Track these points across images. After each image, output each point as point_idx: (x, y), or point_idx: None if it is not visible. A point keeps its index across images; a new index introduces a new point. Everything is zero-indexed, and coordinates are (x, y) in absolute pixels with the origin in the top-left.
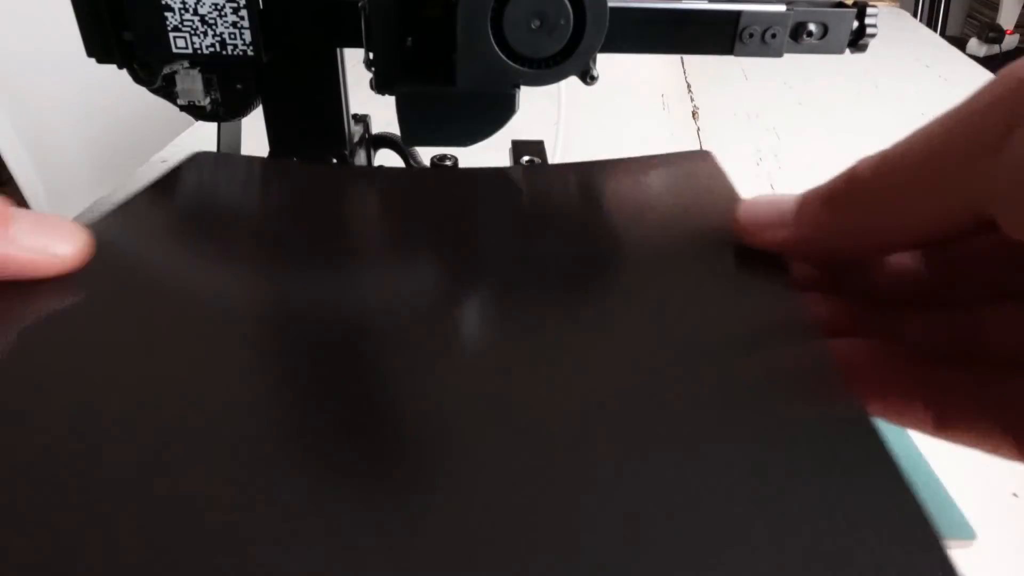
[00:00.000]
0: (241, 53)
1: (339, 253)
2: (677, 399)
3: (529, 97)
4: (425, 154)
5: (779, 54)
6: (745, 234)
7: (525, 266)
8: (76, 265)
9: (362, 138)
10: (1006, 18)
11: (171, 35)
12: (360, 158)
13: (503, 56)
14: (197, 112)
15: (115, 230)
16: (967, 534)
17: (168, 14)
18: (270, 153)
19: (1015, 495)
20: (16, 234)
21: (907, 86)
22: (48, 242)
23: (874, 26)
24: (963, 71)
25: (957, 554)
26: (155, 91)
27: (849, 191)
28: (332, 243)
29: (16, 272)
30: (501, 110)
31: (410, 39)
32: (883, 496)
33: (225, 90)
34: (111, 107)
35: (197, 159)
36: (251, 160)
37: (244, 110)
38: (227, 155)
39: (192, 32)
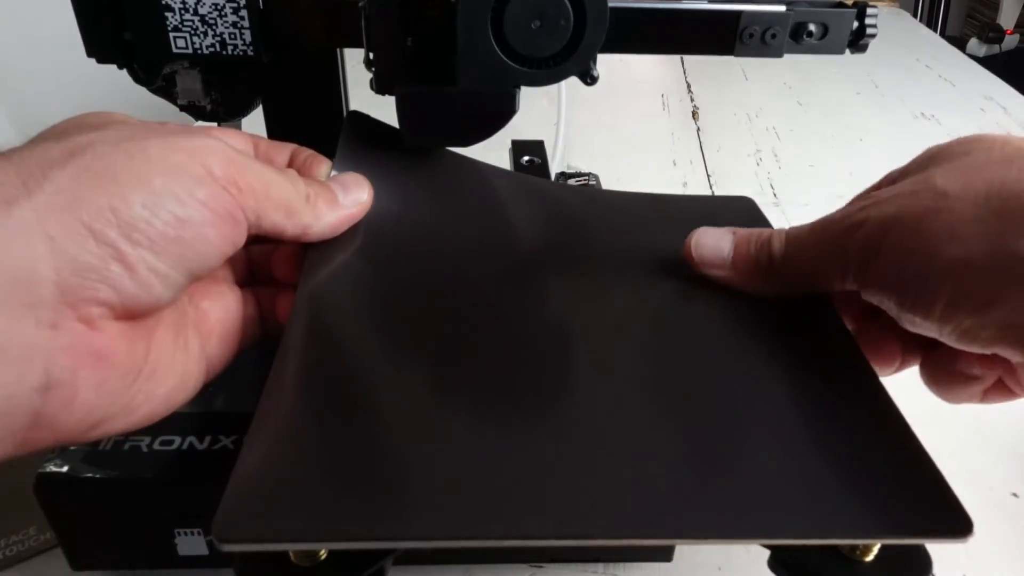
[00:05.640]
0: (241, 53)
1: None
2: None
3: (529, 97)
4: None
5: (779, 54)
6: (693, 264)
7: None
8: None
9: None
10: (1006, 18)
11: (171, 35)
12: None
13: (503, 56)
14: (197, 112)
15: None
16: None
17: (168, 14)
18: None
19: (1015, 495)
20: (343, 200)
21: (907, 86)
22: (357, 195)
23: (874, 26)
24: (963, 71)
25: (954, 549)
26: (155, 91)
27: (769, 267)
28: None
29: (348, 223)
30: (501, 110)
31: (410, 39)
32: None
33: (225, 90)
34: (110, 107)
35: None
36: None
37: (244, 110)
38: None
39: (192, 32)
